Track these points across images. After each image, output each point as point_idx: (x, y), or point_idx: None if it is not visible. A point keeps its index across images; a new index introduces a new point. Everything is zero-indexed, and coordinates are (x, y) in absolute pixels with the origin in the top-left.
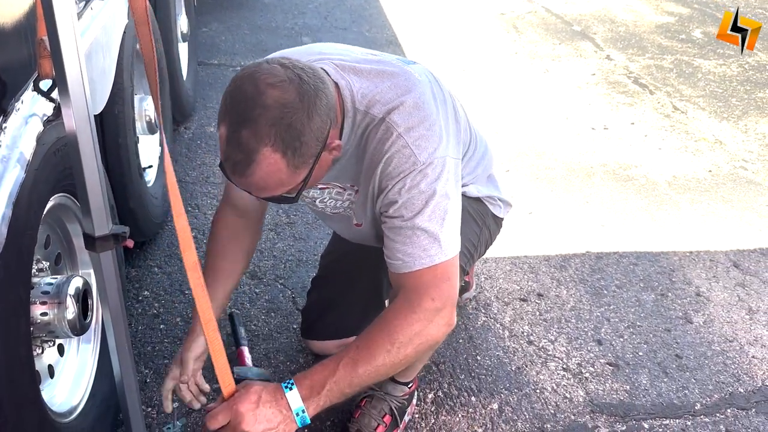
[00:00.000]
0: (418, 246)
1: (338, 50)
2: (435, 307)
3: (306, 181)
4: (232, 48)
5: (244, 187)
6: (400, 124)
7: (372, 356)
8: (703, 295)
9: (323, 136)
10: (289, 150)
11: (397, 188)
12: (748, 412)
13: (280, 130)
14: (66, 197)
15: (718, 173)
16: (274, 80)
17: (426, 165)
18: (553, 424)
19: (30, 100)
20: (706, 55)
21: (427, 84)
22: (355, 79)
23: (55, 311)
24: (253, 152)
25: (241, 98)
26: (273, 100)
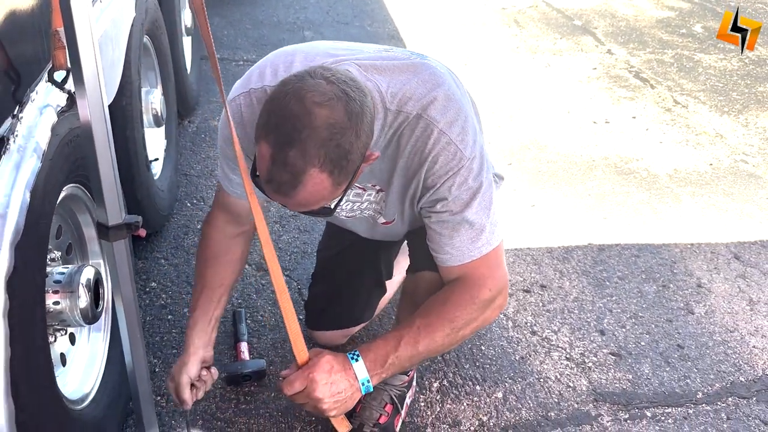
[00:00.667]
0: (467, 238)
1: (348, 49)
2: (492, 296)
3: (345, 192)
4: (235, 42)
5: (283, 203)
6: (439, 119)
7: (432, 338)
8: (705, 286)
9: (366, 150)
10: (336, 169)
11: (447, 186)
12: (749, 401)
13: (329, 150)
14: (77, 188)
15: (719, 166)
16: (321, 99)
17: (471, 159)
18: (556, 412)
19: (44, 91)
20: (707, 49)
21: (449, 74)
22: (380, 78)
23: (68, 300)
24: (301, 173)
25: (287, 117)
26: (322, 121)
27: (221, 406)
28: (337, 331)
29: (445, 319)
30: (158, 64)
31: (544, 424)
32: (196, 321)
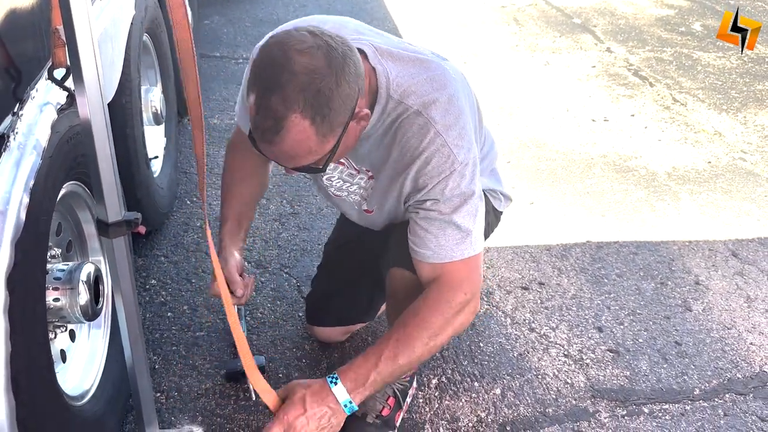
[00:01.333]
0: (451, 239)
1: (372, 31)
2: (466, 300)
3: (334, 151)
4: (234, 40)
5: (273, 156)
6: (438, 121)
7: (411, 349)
8: (702, 283)
9: (352, 104)
10: (318, 116)
11: (439, 188)
12: (746, 397)
13: (308, 95)
14: (77, 185)
15: (717, 164)
16: (302, 47)
17: (464, 165)
18: (554, 408)
19: (44, 89)
20: (706, 47)
21: (461, 81)
22: (392, 65)
23: (68, 297)
24: (282, 118)
25: (269, 65)
26: (301, 66)
27: (220, 403)
28: (336, 327)
29: (421, 327)
30: (158, 62)
31: (542, 420)
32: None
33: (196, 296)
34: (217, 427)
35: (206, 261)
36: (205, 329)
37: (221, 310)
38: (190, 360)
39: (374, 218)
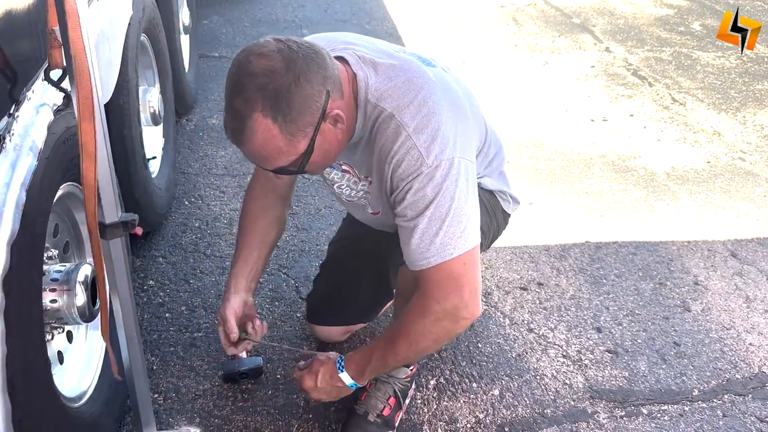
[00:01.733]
0: (417, 246)
1: (363, 41)
2: (445, 309)
3: (309, 151)
4: (233, 41)
5: (249, 157)
6: (409, 123)
7: (395, 353)
8: (701, 283)
9: (318, 104)
10: (279, 115)
11: (405, 189)
12: (744, 398)
13: (266, 94)
14: (74, 186)
15: (717, 164)
16: (263, 50)
17: (433, 167)
18: (553, 409)
19: (41, 90)
20: (705, 47)
21: (441, 84)
22: (372, 72)
23: (65, 298)
24: (246, 118)
25: (234, 70)
26: (260, 68)
27: (218, 404)
28: (336, 327)
29: (401, 335)
30: (156, 63)
31: (541, 421)
32: (236, 272)
33: (194, 297)
34: (215, 429)
35: (204, 262)
36: (203, 330)
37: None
38: (188, 361)
39: (383, 219)
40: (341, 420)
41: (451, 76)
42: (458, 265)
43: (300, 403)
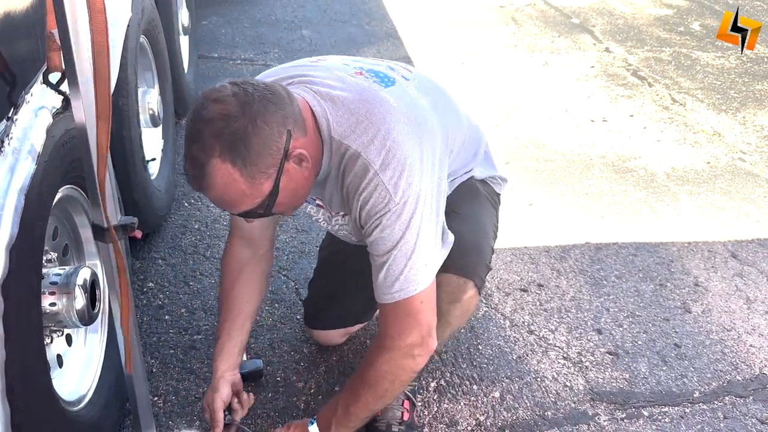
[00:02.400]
0: (383, 281)
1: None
2: (398, 348)
3: (274, 193)
4: (233, 41)
5: (215, 203)
6: (375, 160)
7: (357, 399)
8: (702, 285)
9: (278, 145)
10: (239, 159)
11: (374, 225)
12: (745, 400)
13: (223, 139)
14: (73, 189)
15: (717, 165)
16: (218, 95)
17: (401, 204)
18: (553, 411)
19: (39, 93)
20: (705, 47)
21: (403, 107)
22: (331, 107)
23: (64, 301)
24: (204, 164)
25: (189, 117)
26: (215, 113)
27: None
28: (335, 330)
29: (361, 380)
30: (155, 64)
31: (541, 423)
32: (221, 348)
33: (193, 299)
34: None
35: (204, 263)
36: (202, 332)
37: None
38: (187, 363)
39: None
40: None
41: (413, 85)
42: (416, 303)
43: (300, 405)
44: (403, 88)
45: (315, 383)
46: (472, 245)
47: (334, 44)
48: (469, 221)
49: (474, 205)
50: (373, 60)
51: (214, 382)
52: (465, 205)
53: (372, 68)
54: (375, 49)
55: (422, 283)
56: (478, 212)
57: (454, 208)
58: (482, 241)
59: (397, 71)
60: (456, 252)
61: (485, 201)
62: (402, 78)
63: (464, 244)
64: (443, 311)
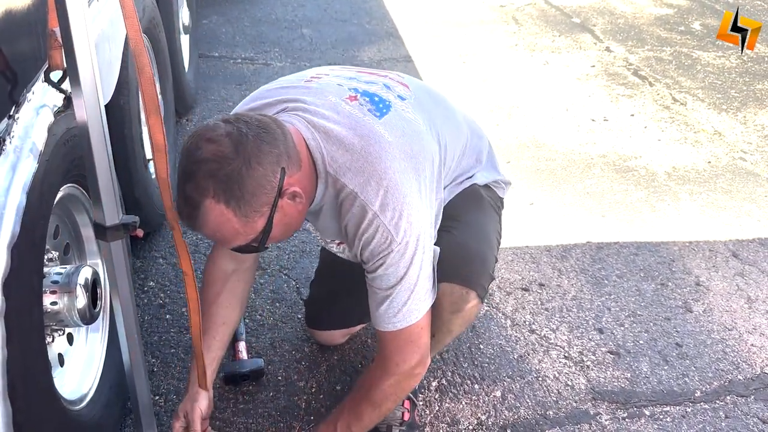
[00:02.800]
0: (385, 312)
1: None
2: (401, 371)
3: (268, 229)
4: (233, 40)
5: (209, 239)
6: (374, 201)
7: (360, 419)
8: (703, 284)
9: (272, 184)
10: (232, 200)
11: (377, 265)
12: (747, 399)
13: (217, 180)
14: (75, 188)
15: (717, 164)
16: (212, 135)
17: (403, 244)
18: (555, 411)
19: (41, 91)
20: (706, 47)
21: (400, 143)
22: (325, 141)
23: (65, 300)
24: (198, 204)
25: (184, 155)
26: (209, 154)
27: (219, 406)
28: (336, 330)
29: (365, 401)
30: (156, 63)
31: (543, 422)
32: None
33: None
34: (216, 431)
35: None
36: None
37: None
38: (188, 363)
39: None
40: None
41: (409, 105)
42: (417, 329)
43: (301, 405)
44: (398, 113)
45: (316, 382)
46: (476, 255)
47: (334, 43)
48: (472, 229)
49: (477, 213)
50: (370, 76)
51: (192, 393)
52: (468, 212)
53: (367, 90)
54: (375, 48)
55: (422, 311)
56: (482, 220)
57: (457, 215)
58: (486, 251)
59: (393, 90)
60: (460, 261)
61: (488, 208)
62: (398, 99)
63: (468, 254)
64: (444, 320)
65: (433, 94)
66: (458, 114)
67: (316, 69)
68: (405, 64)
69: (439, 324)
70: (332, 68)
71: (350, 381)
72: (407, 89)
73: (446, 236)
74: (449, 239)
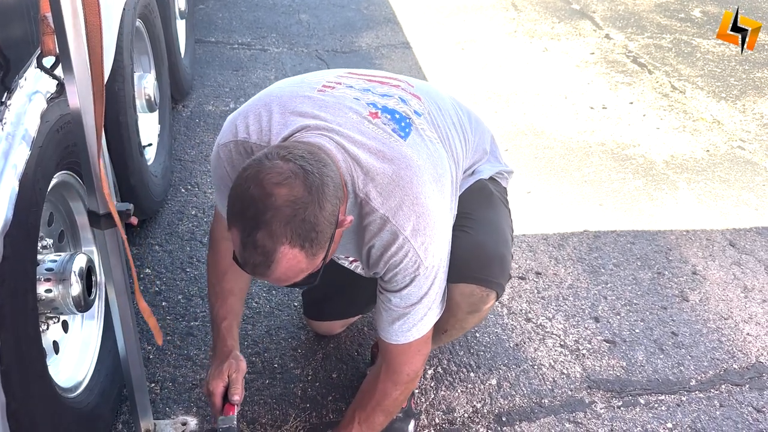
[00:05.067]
0: (400, 326)
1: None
2: (410, 379)
3: (325, 260)
4: (230, 25)
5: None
6: (405, 226)
7: (373, 428)
8: (700, 273)
9: (335, 218)
10: (307, 243)
11: (400, 286)
12: (742, 388)
13: (294, 226)
14: (69, 175)
15: (716, 153)
16: (279, 179)
17: (430, 268)
18: (550, 399)
19: (33, 78)
20: (705, 34)
21: (427, 166)
22: (354, 163)
23: (60, 288)
24: (272, 252)
25: (250, 202)
26: (283, 200)
27: None
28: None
29: (377, 410)
30: (151, 48)
31: (538, 410)
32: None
33: (190, 286)
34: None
35: (201, 250)
36: (199, 319)
37: None
38: (184, 350)
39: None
40: (338, 409)
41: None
42: (425, 338)
43: (297, 392)
44: (419, 133)
45: (312, 370)
46: (495, 255)
47: (332, 29)
48: (488, 228)
49: (489, 210)
50: (383, 87)
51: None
52: (480, 209)
53: (386, 106)
54: (374, 34)
55: (433, 321)
56: (495, 218)
57: (470, 214)
58: (504, 251)
59: (409, 104)
60: (480, 263)
61: (498, 203)
62: (415, 114)
63: (487, 255)
64: (459, 319)
65: (440, 101)
66: (462, 117)
67: (324, 74)
68: (403, 51)
69: (453, 322)
70: (340, 74)
71: (346, 369)
72: (420, 102)
73: (464, 236)
74: (467, 239)
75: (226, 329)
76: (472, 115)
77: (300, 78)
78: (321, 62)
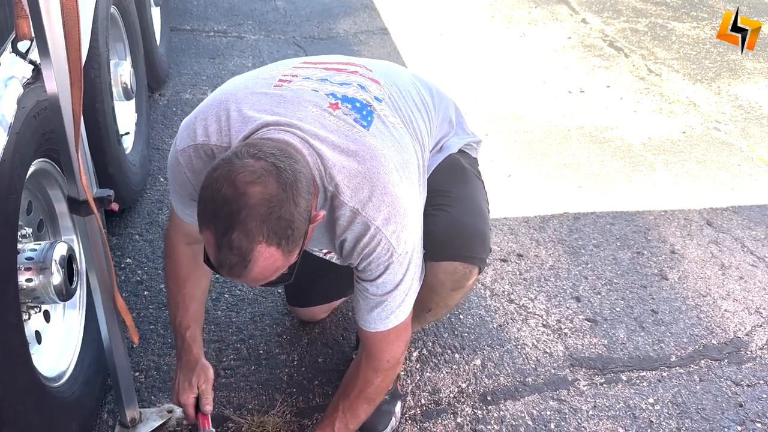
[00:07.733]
0: (377, 314)
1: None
2: (391, 366)
3: (299, 257)
4: (205, 13)
5: (240, 281)
6: (375, 217)
7: (357, 416)
8: (678, 252)
9: (309, 214)
10: (283, 240)
11: (375, 275)
12: (720, 363)
13: (270, 224)
14: (47, 162)
15: (692, 134)
16: (252, 177)
17: (403, 254)
18: (534, 377)
19: (8, 62)
20: (680, 17)
21: (392, 154)
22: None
23: (41, 277)
24: (248, 252)
25: (223, 203)
26: (257, 198)
27: None
28: (318, 306)
29: (360, 398)
30: (127, 36)
31: (522, 389)
32: (194, 334)
33: None
34: None
35: None
36: None
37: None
38: (168, 339)
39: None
40: (325, 393)
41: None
42: (405, 324)
43: (283, 377)
44: (381, 120)
45: (298, 355)
46: (475, 231)
47: (308, 15)
48: (465, 204)
49: (464, 185)
50: (340, 74)
51: (192, 363)
52: (456, 186)
53: (345, 95)
54: (351, 20)
55: (411, 306)
56: (471, 193)
57: (446, 191)
58: (483, 226)
59: (369, 90)
60: (461, 240)
61: (473, 177)
62: (375, 101)
63: (467, 232)
64: (443, 296)
65: (400, 82)
66: (424, 94)
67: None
68: (381, 37)
69: (437, 300)
70: (295, 65)
71: (332, 353)
72: (380, 86)
73: (443, 215)
74: (447, 218)
75: (191, 338)
76: (432, 88)
77: (254, 73)
78: (299, 49)
